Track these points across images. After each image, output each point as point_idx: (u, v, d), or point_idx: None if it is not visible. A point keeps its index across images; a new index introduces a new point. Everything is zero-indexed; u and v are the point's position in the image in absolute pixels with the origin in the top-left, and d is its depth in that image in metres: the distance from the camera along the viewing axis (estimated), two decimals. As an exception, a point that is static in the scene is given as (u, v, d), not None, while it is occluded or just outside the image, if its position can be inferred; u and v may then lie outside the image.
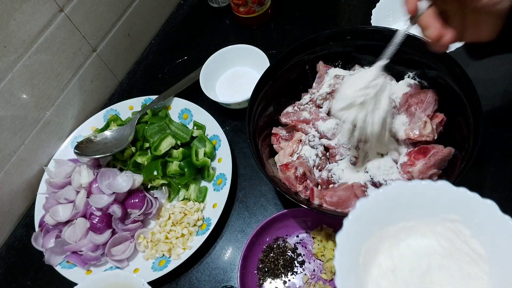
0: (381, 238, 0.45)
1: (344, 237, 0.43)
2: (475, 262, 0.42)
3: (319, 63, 0.75)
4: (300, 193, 0.65)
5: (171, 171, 0.76)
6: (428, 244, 0.45)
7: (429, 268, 0.43)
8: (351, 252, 0.43)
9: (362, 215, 0.44)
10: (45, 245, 0.71)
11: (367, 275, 0.43)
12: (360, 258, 0.43)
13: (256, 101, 0.70)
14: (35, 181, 0.82)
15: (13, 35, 0.69)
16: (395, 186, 0.45)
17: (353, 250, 0.43)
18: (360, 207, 0.44)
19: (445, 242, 0.44)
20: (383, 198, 0.45)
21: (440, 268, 0.43)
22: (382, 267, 0.44)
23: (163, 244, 0.71)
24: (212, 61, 0.87)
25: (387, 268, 0.44)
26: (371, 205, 0.45)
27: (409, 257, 0.44)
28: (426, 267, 0.43)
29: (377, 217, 0.45)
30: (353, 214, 0.44)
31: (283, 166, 0.67)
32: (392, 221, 0.45)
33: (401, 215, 0.45)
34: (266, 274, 0.66)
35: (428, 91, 0.67)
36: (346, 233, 0.43)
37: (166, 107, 0.86)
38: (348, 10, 0.99)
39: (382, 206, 0.45)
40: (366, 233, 0.44)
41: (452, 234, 0.44)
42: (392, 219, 0.45)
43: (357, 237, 0.44)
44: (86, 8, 0.83)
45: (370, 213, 0.45)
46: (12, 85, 0.72)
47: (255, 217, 0.74)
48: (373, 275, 0.43)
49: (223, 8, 1.04)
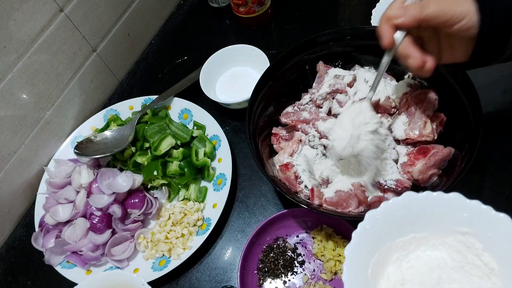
0: (390, 250, 0.44)
1: (352, 250, 0.42)
2: (487, 277, 0.41)
3: (319, 63, 0.75)
4: (300, 193, 0.65)
5: (171, 171, 0.76)
6: (438, 256, 0.44)
7: (439, 281, 0.42)
8: (360, 265, 0.42)
9: (371, 226, 0.43)
10: (45, 245, 0.72)
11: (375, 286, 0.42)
12: (369, 271, 0.42)
13: (256, 101, 0.70)
14: (35, 181, 0.82)
15: (13, 35, 0.69)
16: (405, 197, 0.44)
17: (362, 263, 0.42)
18: (369, 219, 0.43)
19: (456, 255, 0.43)
20: (392, 210, 0.44)
21: (450, 281, 0.42)
22: (391, 280, 0.43)
23: (163, 244, 0.71)
24: (212, 61, 0.87)
25: (396, 280, 0.43)
26: (380, 216, 0.44)
27: (419, 269, 0.43)
28: (436, 281, 0.42)
29: (386, 229, 0.44)
30: (362, 225, 0.43)
31: (283, 166, 0.67)
32: (401, 233, 0.44)
33: (411, 226, 0.44)
34: (266, 274, 0.66)
35: (428, 91, 0.67)
36: (355, 245, 0.42)
37: (166, 107, 0.86)
38: (348, 10, 0.99)
39: (392, 218, 0.44)
40: (374, 245, 0.43)
41: (464, 247, 0.43)
42: (402, 231, 0.44)
43: (365, 250, 0.43)
44: (86, 8, 0.83)
45: (379, 225, 0.44)
46: (12, 85, 0.72)
47: (255, 217, 0.74)
48: (381, 285, 0.43)
49: (223, 8, 1.04)
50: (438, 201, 0.43)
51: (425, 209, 0.44)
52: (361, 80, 0.71)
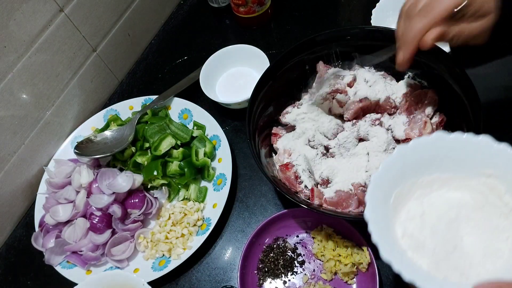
0: (414, 186, 0.46)
1: (378, 177, 0.45)
2: (505, 216, 0.42)
3: (319, 63, 0.75)
4: (300, 193, 0.65)
5: (171, 171, 0.76)
6: (460, 197, 0.45)
7: (457, 218, 0.43)
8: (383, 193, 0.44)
9: (399, 160, 0.45)
10: (45, 245, 0.72)
11: (395, 217, 0.44)
12: (391, 200, 0.44)
13: (256, 101, 0.70)
14: (35, 181, 0.82)
15: (13, 35, 0.69)
16: (434, 137, 0.46)
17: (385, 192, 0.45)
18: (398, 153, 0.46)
19: (478, 196, 0.44)
20: (422, 147, 0.46)
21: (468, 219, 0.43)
22: (411, 212, 0.45)
23: (163, 244, 0.71)
24: (212, 61, 0.87)
25: (415, 213, 0.45)
26: (409, 152, 0.46)
27: (439, 206, 0.45)
28: (454, 216, 0.43)
29: (413, 165, 0.46)
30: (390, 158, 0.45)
31: (283, 166, 0.67)
32: (427, 171, 0.46)
33: (437, 166, 0.46)
34: (266, 274, 0.66)
35: (428, 91, 0.67)
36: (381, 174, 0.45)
37: (166, 107, 0.86)
38: (348, 10, 0.99)
39: (420, 155, 0.46)
40: (400, 178, 0.45)
41: (486, 189, 0.44)
42: (428, 169, 0.46)
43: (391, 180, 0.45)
44: (86, 8, 0.83)
45: (407, 160, 0.46)
46: (12, 85, 0.72)
47: (255, 217, 0.74)
48: (401, 218, 0.45)
49: (223, 8, 1.04)
50: (467, 143, 0.45)
51: (453, 150, 0.45)
52: (361, 80, 0.71)
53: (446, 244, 0.42)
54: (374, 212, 0.43)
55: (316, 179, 0.67)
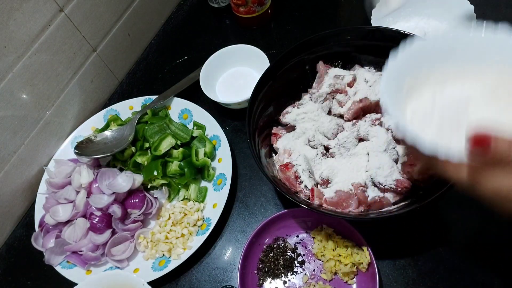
0: (428, 79, 0.47)
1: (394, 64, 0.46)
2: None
3: (319, 63, 0.75)
4: (300, 193, 0.65)
5: (171, 171, 0.76)
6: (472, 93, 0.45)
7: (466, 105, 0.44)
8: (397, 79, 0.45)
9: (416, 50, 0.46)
10: (45, 245, 0.72)
11: (406, 101, 0.46)
12: (405, 86, 0.46)
13: (256, 101, 0.70)
14: (35, 181, 0.82)
15: (13, 35, 0.69)
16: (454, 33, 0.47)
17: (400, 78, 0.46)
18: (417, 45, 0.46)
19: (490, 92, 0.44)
20: (440, 40, 0.47)
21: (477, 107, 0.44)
22: (423, 98, 0.46)
23: (163, 244, 0.71)
24: (212, 61, 0.87)
25: (427, 100, 0.46)
26: (427, 43, 0.47)
27: (450, 95, 0.46)
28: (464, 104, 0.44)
29: (430, 58, 0.46)
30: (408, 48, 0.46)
31: (283, 166, 0.67)
32: (443, 64, 0.47)
33: (453, 60, 0.46)
34: (266, 274, 0.66)
35: (428, 91, 0.67)
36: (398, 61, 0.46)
37: (166, 107, 0.86)
38: (348, 10, 0.99)
39: (438, 47, 0.47)
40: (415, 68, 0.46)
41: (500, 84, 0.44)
42: (443, 62, 0.47)
43: (406, 69, 0.46)
44: (86, 8, 0.83)
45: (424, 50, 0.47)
46: (12, 85, 0.72)
47: (255, 217, 0.74)
48: (412, 102, 0.46)
49: (223, 8, 1.04)
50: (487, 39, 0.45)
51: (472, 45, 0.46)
52: (361, 80, 0.71)
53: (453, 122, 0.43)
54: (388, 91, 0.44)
55: (316, 179, 0.67)
